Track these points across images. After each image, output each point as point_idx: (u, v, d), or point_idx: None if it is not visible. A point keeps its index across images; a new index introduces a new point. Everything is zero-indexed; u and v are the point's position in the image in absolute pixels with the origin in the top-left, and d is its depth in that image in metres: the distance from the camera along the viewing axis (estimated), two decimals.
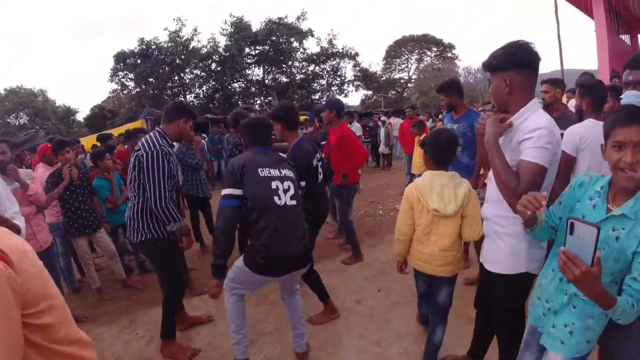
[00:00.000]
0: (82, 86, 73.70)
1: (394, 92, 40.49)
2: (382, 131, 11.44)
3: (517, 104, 1.75)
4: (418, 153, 6.77)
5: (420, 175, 6.53)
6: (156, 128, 2.97)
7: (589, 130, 2.45)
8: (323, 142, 4.63)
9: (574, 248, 1.20)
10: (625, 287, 1.31)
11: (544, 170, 1.65)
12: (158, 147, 2.71)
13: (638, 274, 1.28)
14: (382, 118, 14.14)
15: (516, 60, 1.70)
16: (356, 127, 9.03)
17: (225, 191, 2.35)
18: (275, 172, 2.42)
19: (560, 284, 1.52)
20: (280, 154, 2.82)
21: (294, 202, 2.42)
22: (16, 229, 2.17)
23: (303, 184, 2.92)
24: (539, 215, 1.44)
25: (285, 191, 2.40)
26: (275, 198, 2.35)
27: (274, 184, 2.37)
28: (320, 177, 3.37)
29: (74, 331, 1.07)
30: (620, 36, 15.22)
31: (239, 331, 2.55)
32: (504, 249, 1.85)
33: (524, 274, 1.82)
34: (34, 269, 0.95)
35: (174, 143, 4.70)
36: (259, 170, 2.37)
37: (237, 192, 2.34)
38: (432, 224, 2.32)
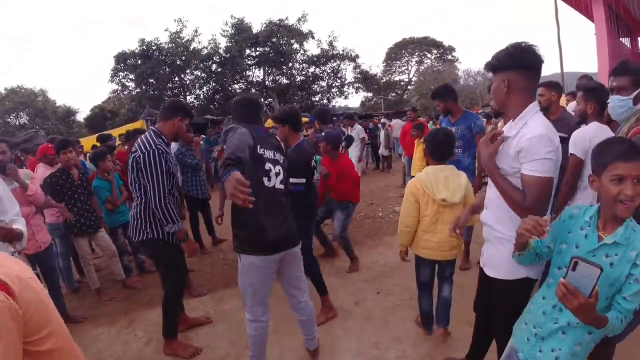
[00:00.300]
0: (82, 86, 73.70)
1: (394, 94, 40.56)
2: (382, 133, 11.44)
3: (515, 105, 1.74)
4: (418, 156, 6.77)
5: None
6: (151, 127, 2.97)
7: (598, 132, 2.43)
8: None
9: (574, 282, 1.24)
10: (615, 304, 1.38)
11: (550, 181, 1.64)
12: (154, 146, 2.71)
13: (628, 295, 1.35)
14: (382, 120, 14.15)
15: (516, 61, 1.69)
16: (359, 130, 8.94)
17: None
18: (270, 154, 2.43)
19: (553, 311, 1.53)
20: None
21: (282, 187, 2.45)
22: (19, 235, 2.16)
23: (303, 180, 3.07)
24: (532, 240, 1.47)
25: (277, 175, 2.42)
26: (265, 179, 2.36)
27: (267, 165, 2.39)
28: (314, 175, 3.54)
29: (74, 357, 1.07)
30: (621, 39, 15.26)
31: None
32: (504, 254, 1.81)
33: (524, 279, 1.80)
34: (35, 296, 0.95)
35: (175, 143, 4.76)
36: (259, 147, 2.37)
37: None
38: (438, 214, 2.55)
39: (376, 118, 15.03)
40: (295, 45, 30.79)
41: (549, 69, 1.77)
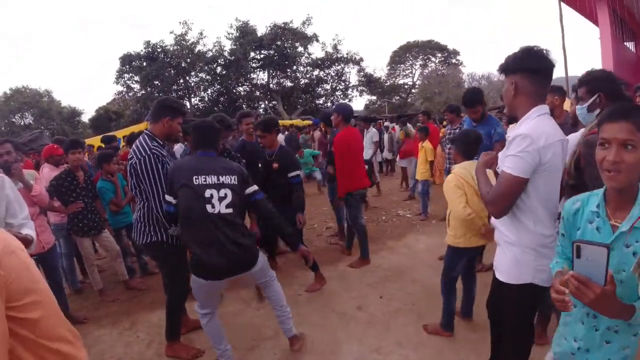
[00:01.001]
0: (87, 87, 73.98)
1: (398, 98, 40.51)
2: (385, 136, 11.41)
3: (523, 108, 1.76)
4: (422, 160, 6.76)
5: (424, 181, 6.55)
6: (144, 130, 2.90)
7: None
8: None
9: (584, 270, 1.13)
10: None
11: (519, 181, 1.66)
12: (149, 152, 2.68)
13: None
14: (386, 123, 14.12)
15: (524, 65, 1.71)
16: (373, 133, 8.85)
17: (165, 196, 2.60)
18: (212, 179, 2.44)
19: (588, 319, 1.37)
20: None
21: (229, 210, 2.45)
22: (28, 241, 2.13)
23: (299, 172, 3.80)
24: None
25: (221, 199, 2.43)
26: (208, 206, 2.39)
27: (208, 192, 2.40)
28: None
29: (62, 328, 1.08)
30: (625, 43, 15.21)
31: (219, 345, 2.67)
32: (509, 258, 1.83)
33: (529, 284, 1.77)
34: (21, 264, 0.96)
35: (180, 144, 4.76)
36: (194, 178, 2.41)
37: (169, 199, 2.53)
38: (481, 203, 2.59)
39: (380, 121, 15.00)
40: (300, 49, 30.89)
41: (553, 73, 1.78)
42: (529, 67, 1.70)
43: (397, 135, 11.50)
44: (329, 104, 32.08)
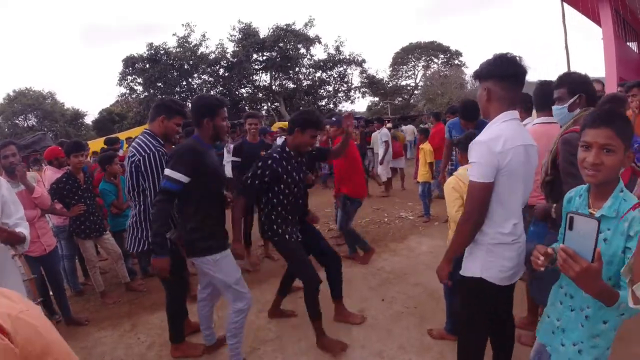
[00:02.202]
0: (91, 89, 74.30)
1: (400, 99, 40.43)
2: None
3: (494, 113, 1.82)
4: (423, 162, 6.73)
5: (425, 182, 6.52)
6: (144, 130, 2.87)
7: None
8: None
9: (573, 244, 1.19)
10: (622, 284, 1.30)
11: (483, 186, 1.73)
12: (153, 149, 2.66)
13: None
14: (388, 125, 14.07)
15: (495, 71, 1.77)
16: (384, 134, 8.89)
17: None
18: None
19: (565, 298, 1.50)
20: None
21: None
22: (21, 239, 2.16)
23: None
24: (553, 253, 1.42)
25: None
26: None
27: None
28: None
29: None
30: (628, 44, 15.15)
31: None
32: (466, 252, 1.94)
33: (477, 279, 1.86)
34: (30, 329, 0.93)
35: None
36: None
37: (180, 177, 2.43)
38: None
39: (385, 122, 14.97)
40: (302, 50, 30.85)
41: (556, 73, 1.78)
42: (501, 73, 1.76)
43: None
44: (331, 106, 32.05)
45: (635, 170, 1.96)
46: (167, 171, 2.40)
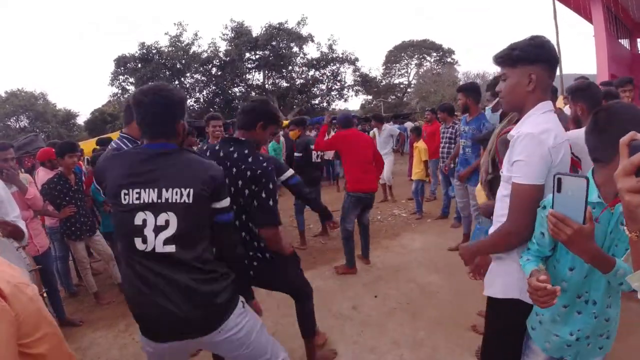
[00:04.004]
0: (83, 90, 73.72)
1: (393, 97, 40.57)
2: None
3: (532, 104, 1.54)
4: (417, 161, 6.78)
5: (418, 180, 6.54)
6: (120, 132, 2.78)
7: (575, 135, 2.09)
8: None
9: (563, 208, 1.12)
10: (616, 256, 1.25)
11: (534, 189, 1.43)
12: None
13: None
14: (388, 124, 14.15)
15: (543, 55, 1.49)
16: (389, 130, 8.14)
17: None
18: (146, 196, 1.48)
19: (587, 306, 1.38)
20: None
21: (169, 250, 1.49)
22: (22, 231, 2.27)
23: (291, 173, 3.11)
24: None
25: (158, 229, 1.48)
26: (137, 241, 1.49)
27: (139, 218, 1.48)
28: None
29: (65, 357, 1.10)
30: (620, 40, 15.28)
31: None
32: (495, 271, 1.68)
33: (515, 300, 1.57)
34: (26, 299, 0.96)
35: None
36: (122, 192, 1.49)
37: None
38: None
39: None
40: (295, 49, 30.83)
41: None
42: (548, 58, 1.50)
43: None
44: (324, 104, 32.08)
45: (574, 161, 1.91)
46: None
